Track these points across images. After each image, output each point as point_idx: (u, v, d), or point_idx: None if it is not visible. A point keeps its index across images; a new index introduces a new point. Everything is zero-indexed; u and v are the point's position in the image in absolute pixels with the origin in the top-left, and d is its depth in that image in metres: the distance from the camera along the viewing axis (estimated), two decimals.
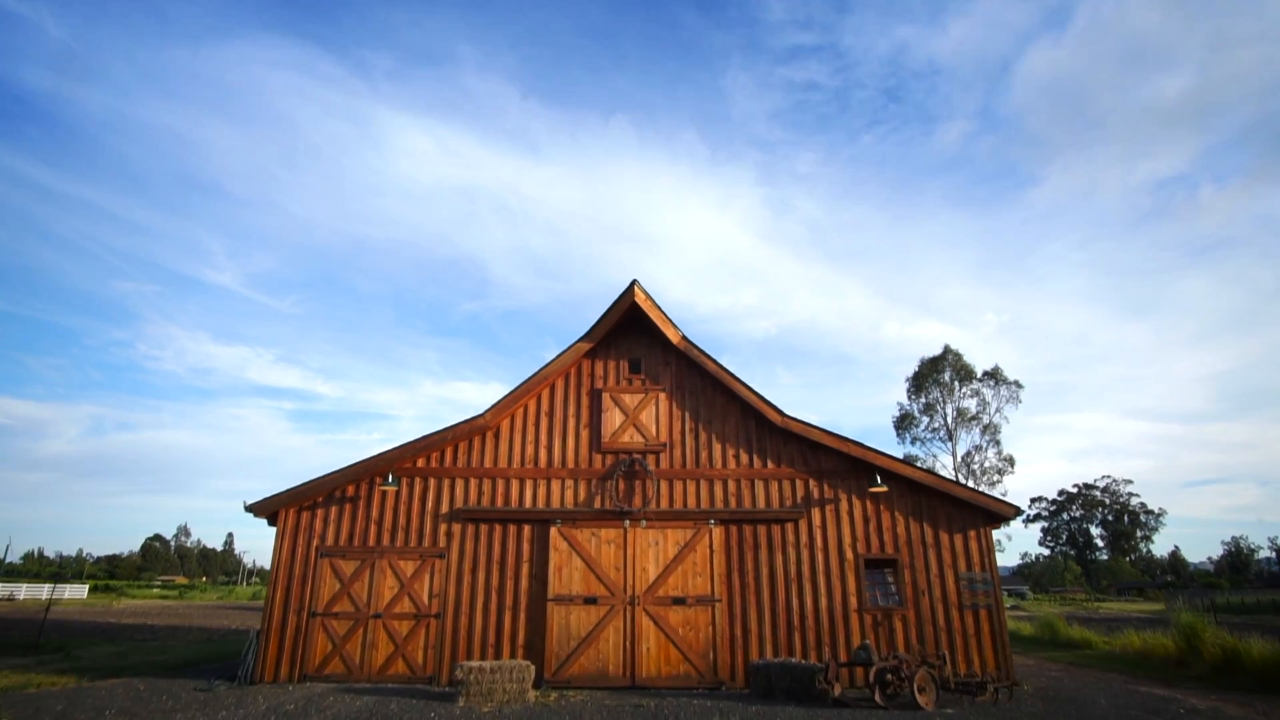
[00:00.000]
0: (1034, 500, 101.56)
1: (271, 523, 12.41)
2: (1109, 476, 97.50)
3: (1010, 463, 46.97)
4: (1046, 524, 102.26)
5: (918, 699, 9.33)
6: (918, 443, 48.76)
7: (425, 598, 11.79)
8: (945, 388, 49.20)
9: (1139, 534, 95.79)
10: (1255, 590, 67.66)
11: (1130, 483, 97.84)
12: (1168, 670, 13.89)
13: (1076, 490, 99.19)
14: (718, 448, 12.73)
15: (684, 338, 13.01)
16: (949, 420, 48.55)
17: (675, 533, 12.10)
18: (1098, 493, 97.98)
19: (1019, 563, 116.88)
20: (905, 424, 49.74)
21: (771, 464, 12.59)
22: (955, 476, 45.95)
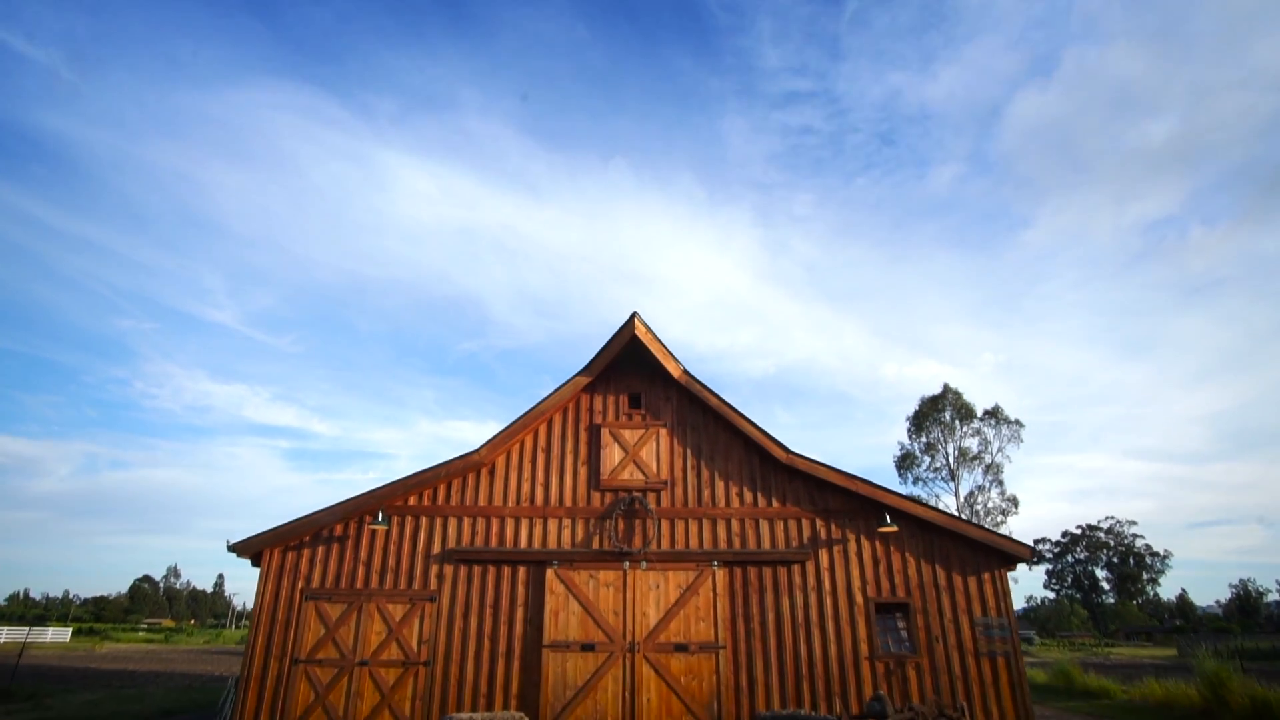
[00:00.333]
0: (1038, 542, 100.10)
1: (255, 563, 11.88)
2: (1112, 518, 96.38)
3: (1014, 503, 46.31)
4: (1051, 566, 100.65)
5: None
6: (920, 483, 48.16)
7: (414, 644, 11.21)
8: (946, 427, 48.77)
9: (1145, 576, 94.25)
10: (1268, 635, 66.12)
11: (1134, 524, 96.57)
12: None
13: (1080, 532, 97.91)
14: (720, 485, 12.29)
15: (685, 371, 12.67)
16: (951, 460, 47.99)
17: (677, 575, 11.58)
18: (1102, 534, 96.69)
19: (1024, 606, 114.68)
20: (907, 463, 49.16)
21: (776, 503, 12.14)
22: (960, 517, 45.19)
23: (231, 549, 11.65)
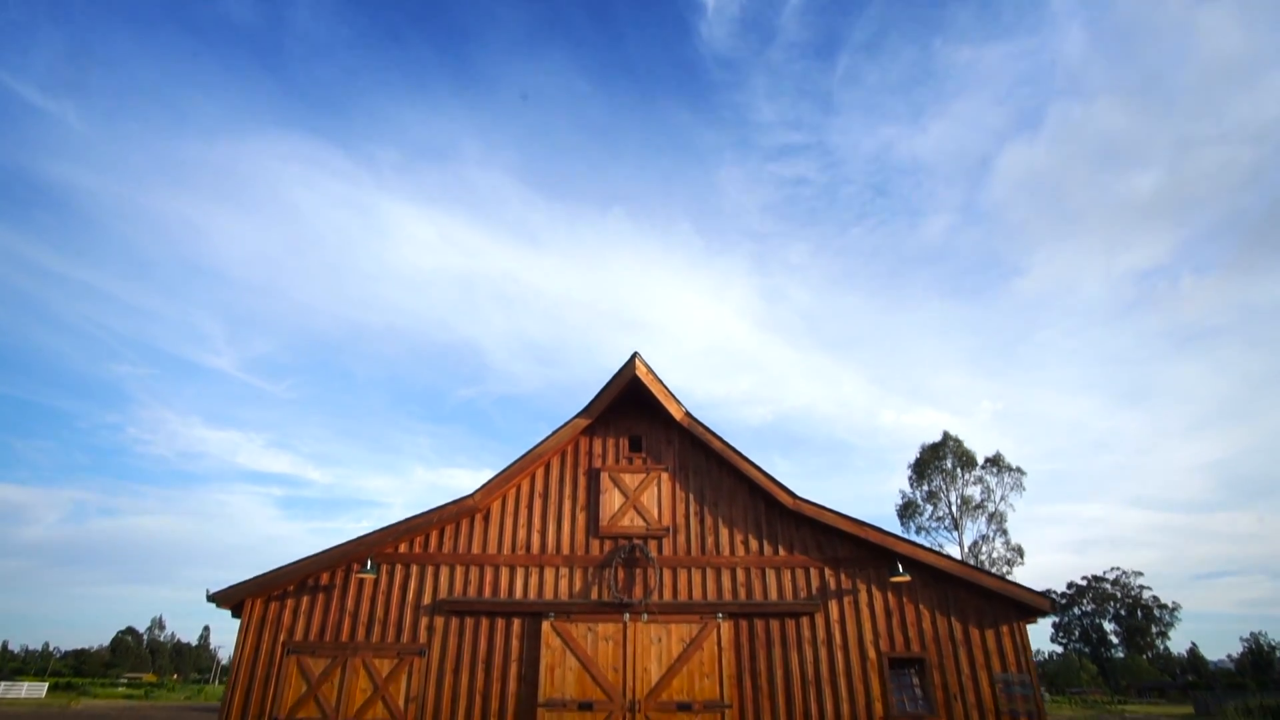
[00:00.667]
0: (1043, 593, 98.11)
1: (236, 614, 11.29)
2: (1118, 568, 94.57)
3: (1020, 553, 45.40)
4: (1057, 619, 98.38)
5: None
6: (923, 532, 47.28)
7: (401, 702, 10.55)
8: (947, 475, 48.13)
9: (1154, 629, 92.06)
10: None
11: (1140, 575, 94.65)
12: None
13: (1086, 583, 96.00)
14: (725, 533, 11.80)
15: (687, 413, 12.30)
16: (954, 508, 47.20)
17: (680, 628, 11.00)
18: (1108, 585, 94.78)
19: None
20: (909, 512, 48.35)
21: (783, 551, 11.64)
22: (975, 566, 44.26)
23: (211, 599, 11.07)
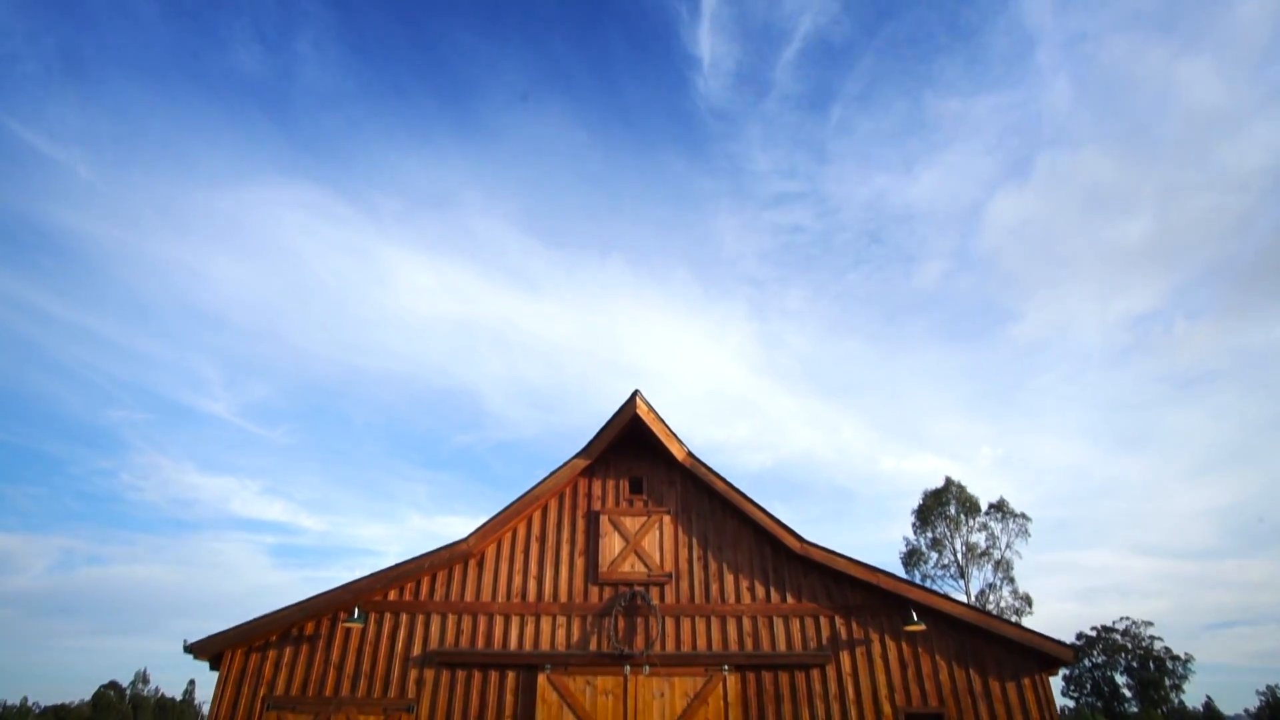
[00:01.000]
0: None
1: (214, 666, 10.69)
2: (1128, 618, 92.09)
3: (1028, 602, 44.27)
4: (1068, 671, 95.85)
5: None
6: (929, 580, 46.16)
7: None
8: (951, 521, 47.28)
9: (1168, 682, 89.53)
10: None
11: (1151, 625, 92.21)
12: None
13: (1095, 634, 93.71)
14: (730, 579, 11.28)
15: (690, 454, 11.90)
16: (959, 556, 46.26)
17: (683, 681, 10.40)
18: (1118, 636, 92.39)
19: None
20: (914, 560, 47.34)
21: (791, 598, 11.11)
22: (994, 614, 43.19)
23: (189, 649, 10.48)
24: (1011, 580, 45.02)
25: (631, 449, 12.30)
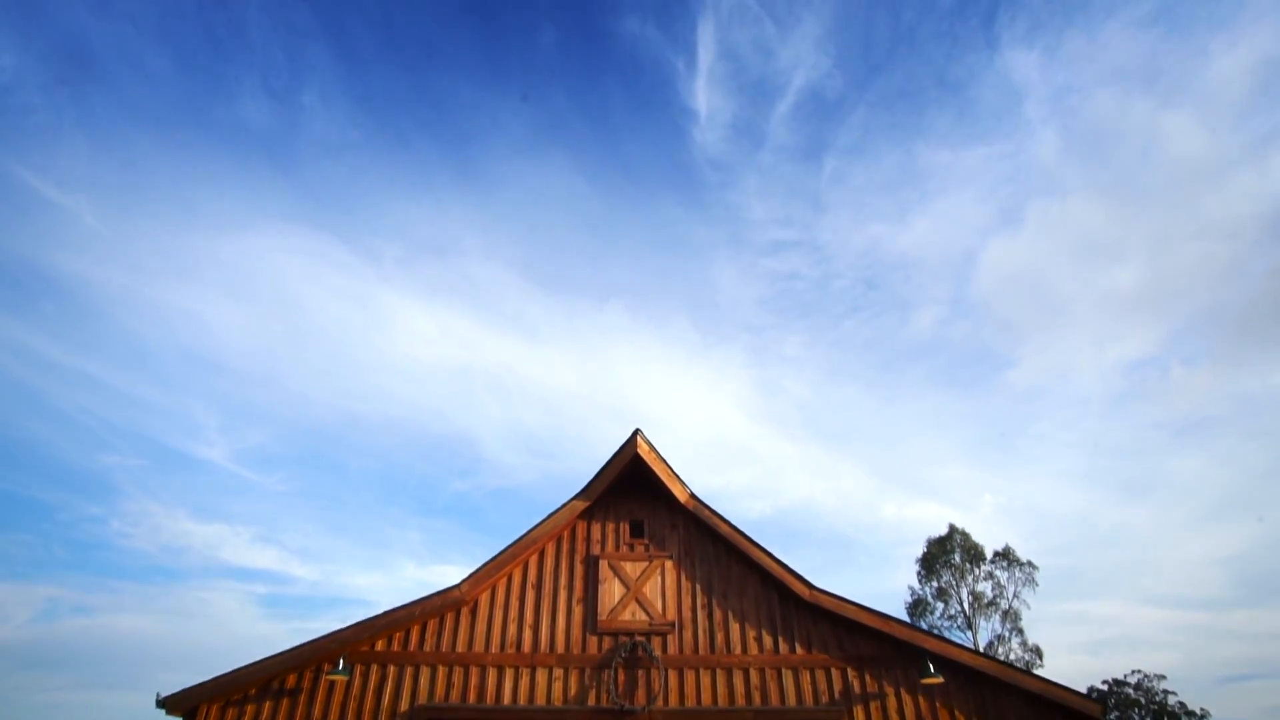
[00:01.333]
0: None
1: None
2: (1140, 671, 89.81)
3: (1039, 654, 42.91)
4: None
5: None
6: (936, 631, 44.92)
7: None
8: (956, 570, 46.21)
9: None
10: None
11: (1163, 678, 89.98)
12: None
13: (1108, 687, 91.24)
14: (735, 628, 10.73)
15: (693, 496, 11.47)
16: (965, 606, 45.09)
17: None
18: (1131, 690, 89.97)
19: None
20: (920, 610, 46.07)
21: (801, 649, 10.54)
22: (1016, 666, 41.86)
23: (161, 704, 9.85)
24: (1020, 631, 43.77)
25: (632, 491, 11.86)
